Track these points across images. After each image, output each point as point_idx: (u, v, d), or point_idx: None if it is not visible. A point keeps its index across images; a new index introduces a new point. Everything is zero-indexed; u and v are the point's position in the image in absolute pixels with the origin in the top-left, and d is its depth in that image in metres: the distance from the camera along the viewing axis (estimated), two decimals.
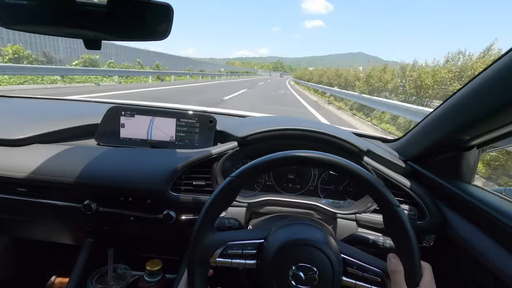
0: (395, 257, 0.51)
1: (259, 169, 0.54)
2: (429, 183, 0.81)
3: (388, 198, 0.50)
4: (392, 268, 0.50)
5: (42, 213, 0.91)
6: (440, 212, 0.76)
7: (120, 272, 0.96)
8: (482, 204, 0.64)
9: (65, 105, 1.34)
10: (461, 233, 0.69)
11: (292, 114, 7.88)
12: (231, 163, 0.88)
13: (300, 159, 0.53)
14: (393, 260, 0.51)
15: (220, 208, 0.55)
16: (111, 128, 0.94)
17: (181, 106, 1.32)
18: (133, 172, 0.81)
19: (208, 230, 0.53)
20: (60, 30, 0.57)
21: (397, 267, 0.50)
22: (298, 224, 0.59)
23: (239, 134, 0.87)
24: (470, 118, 0.63)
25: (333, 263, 0.51)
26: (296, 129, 0.85)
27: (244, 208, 0.84)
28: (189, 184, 0.84)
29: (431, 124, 0.78)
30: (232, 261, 0.53)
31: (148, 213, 0.84)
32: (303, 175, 0.92)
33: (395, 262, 0.50)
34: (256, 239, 0.55)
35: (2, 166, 0.80)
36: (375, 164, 0.84)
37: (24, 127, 0.89)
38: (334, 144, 0.84)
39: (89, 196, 0.83)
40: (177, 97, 9.15)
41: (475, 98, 0.62)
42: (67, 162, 0.82)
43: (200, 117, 0.96)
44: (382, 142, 1.08)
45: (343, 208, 0.86)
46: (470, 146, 0.72)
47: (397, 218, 0.50)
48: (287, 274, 0.50)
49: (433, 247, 0.78)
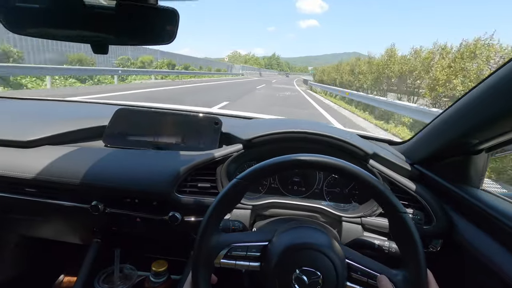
0: (385, 279, 0.49)
1: (265, 172, 0.54)
2: (436, 187, 0.80)
3: (394, 203, 0.50)
4: None
5: (50, 213, 0.93)
6: (447, 217, 0.75)
7: (126, 272, 0.97)
8: (491, 209, 0.63)
9: (73, 107, 1.36)
10: (468, 238, 0.67)
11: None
12: (236, 166, 0.88)
13: (305, 163, 0.53)
14: (384, 283, 0.49)
15: (225, 209, 0.55)
16: (118, 129, 0.95)
17: (187, 108, 1.33)
18: (139, 174, 0.82)
19: (213, 231, 0.53)
20: (69, 34, 0.58)
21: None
22: (303, 227, 0.59)
23: (245, 136, 0.87)
24: (480, 121, 0.62)
25: (337, 268, 0.50)
26: (301, 132, 0.85)
27: (249, 210, 0.84)
28: (194, 186, 0.85)
29: (439, 127, 0.77)
30: (236, 263, 0.53)
31: (154, 214, 0.85)
32: (309, 178, 0.92)
33: (386, 285, 0.48)
34: (261, 242, 0.55)
35: (12, 167, 0.82)
36: (381, 167, 0.83)
37: (34, 129, 0.91)
38: (340, 147, 0.83)
39: (96, 197, 0.84)
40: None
41: (484, 101, 0.61)
42: (75, 164, 0.83)
43: (205, 119, 0.96)
44: (389, 145, 1.07)
45: (349, 211, 0.85)
46: (479, 150, 0.71)
47: (403, 224, 0.50)
48: (290, 278, 0.50)
49: (439, 252, 0.77)
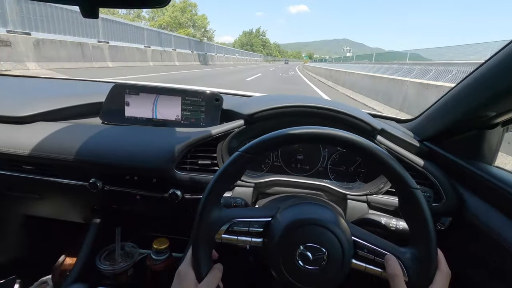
0: (394, 259, 0.47)
1: (268, 144, 0.51)
2: (446, 164, 0.77)
3: (405, 178, 0.47)
4: (391, 272, 0.46)
5: (49, 191, 0.92)
6: (457, 194, 0.72)
7: (128, 250, 0.97)
8: (504, 184, 0.60)
9: (69, 84, 1.33)
10: (479, 215, 0.65)
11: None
12: (237, 142, 0.86)
13: (312, 136, 0.50)
14: (391, 263, 0.47)
15: (227, 183, 0.52)
16: (115, 106, 0.92)
17: (186, 87, 1.29)
18: (138, 151, 0.80)
19: (214, 205, 0.51)
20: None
21: (397, 271, 0.46)
22: (307, 203, 0.57)
23: (246, 111, 0.84)
24: (497, 91, 0.58)
25: (343, 245, 0.48)
26: (306, 106, 0.81)
27: (251, 188, 0.82)
28: (194, 163, 0.83)
29: (452, 100, 0.73)
30: (238, 238, 0.51)
31: (154, 192, 0.83)
32: (312, 156, 0.89)
33: (394, 265, 0.46)
34: (264, 217, 0.53)
35: (7, 143, 0.80)
36: (389, 143, 0.80)
37: (28, 105, 0.88)
38: (346, 122, 0.80)
39: (94, 174, 0.82)
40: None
41: (502, 70, 0.56)
42: (72, 140, 0.81)
43: (206, 95, 0.92)
44: (396, 123, 1.03)
45: (354, 189, 0.83)
46: (494, 124, 0.67)
47: (414, 200, 0.47)
48: (294, 254, 0.48)
49: (447, 230, 0.75)
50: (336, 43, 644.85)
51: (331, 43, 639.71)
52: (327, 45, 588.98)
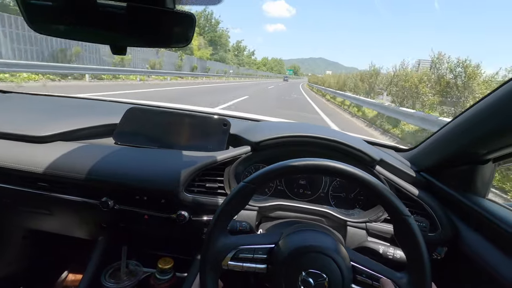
0: (390, 284, 0.50)
1: (272, 175, 0.56)
2: (442, 195, 0.80)
3: (399, 207, 0.51)
4: None
5: (59, 207, 0.95)
6: (453, 225, 0.75)
7: (132, 268, 0.98)
8: (496, 218, 0.64)
9: (84, 104, 1.39)
10: (473, 247, 0.68)
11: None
12: (243, 167, 0.90)
13: (313, 167, 0.54)
14: (387, 287, 0.49)
15: (233, 212, 0.56)
16: (129, 128, 0.97)
17: (196, 108, 1.35)
18: (149, 172, 0.84)
19: (221, 233, 0.55)
20: (86, 34, 0.59)
21: None
22: (309, 230, 0.60)
23: (253, 139, 0.88)
24: (488, 131, 0.63)
25: (343, 271, 0.51)
26: (310, 136, 0.86)
27: (255, 211, 0.85)
28: (202, 186, 0.86)
29: (447, 136, 0.78)
30: (243, 265, 0.54)
31: (162, 212, 0.86)
32: (314, 182, 0.93)
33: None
34: (267, 244, 0.56)
35: (25, 161, 0.84)
36: (387, 173, 0.84)
37: (48, 125, 0.93)
38: (347, 152, 0.84)
39: (106, 193, 0.86)
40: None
41: (493, 112, 0.62)
42: (87, 160, 0.85)
43: (214, 120, 0.98)
44: (395, 151, 1.07)
45: (354, 216, 0.86)
46: (486, 159, 0.71)
47: (408, 228, 0.50)
48: (297, 280, 0.51)
49: (443, 260, 0.77)
50: (313, 61, 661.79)
51: (308, 61, 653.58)
52: (304, 63, 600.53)
